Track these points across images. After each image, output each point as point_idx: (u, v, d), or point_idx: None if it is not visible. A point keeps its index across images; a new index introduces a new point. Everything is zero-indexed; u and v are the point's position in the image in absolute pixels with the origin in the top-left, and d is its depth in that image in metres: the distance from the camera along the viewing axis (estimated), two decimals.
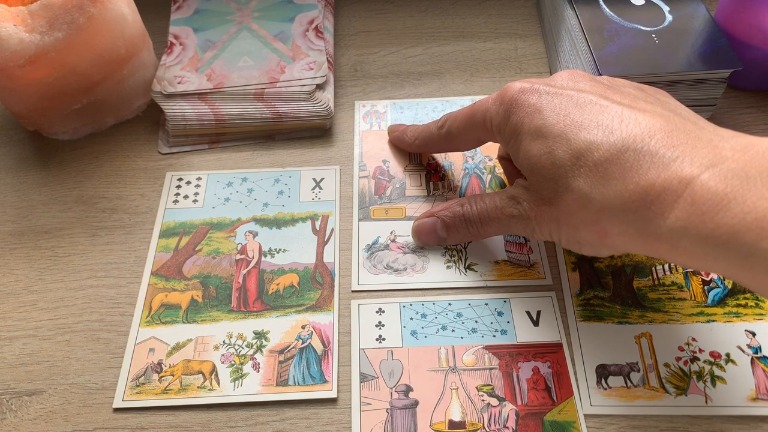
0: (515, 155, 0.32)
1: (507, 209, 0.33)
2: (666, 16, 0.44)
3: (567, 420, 0.32)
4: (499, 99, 0.33)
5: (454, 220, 0.36)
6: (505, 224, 0.34)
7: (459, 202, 0.36)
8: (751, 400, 0.32)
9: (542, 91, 0.31)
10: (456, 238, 0.37)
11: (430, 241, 0.38)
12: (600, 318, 0.36)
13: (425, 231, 0.38)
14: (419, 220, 0.38)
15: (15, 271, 0.40)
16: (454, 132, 0.37)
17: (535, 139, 0.30)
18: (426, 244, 0.39)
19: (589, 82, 0.31)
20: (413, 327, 0.36)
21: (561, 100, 0.30)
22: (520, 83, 0.32)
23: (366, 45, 0.53)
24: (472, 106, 0.35)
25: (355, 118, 0.47)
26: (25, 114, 0.44)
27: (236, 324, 0.37)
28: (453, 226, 0.36)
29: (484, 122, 0.34)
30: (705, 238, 0.24)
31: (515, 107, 0.31)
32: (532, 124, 0.30)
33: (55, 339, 0.36)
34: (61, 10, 0.38)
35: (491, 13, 0.55)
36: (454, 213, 0.36)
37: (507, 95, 0.32)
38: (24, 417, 0.34)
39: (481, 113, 0.34)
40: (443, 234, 0.37)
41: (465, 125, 0.36)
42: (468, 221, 0.35)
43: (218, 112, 0.44)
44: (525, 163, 0.31)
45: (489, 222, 0.35)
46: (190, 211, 0.42)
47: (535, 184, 0.31)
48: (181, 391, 0.34)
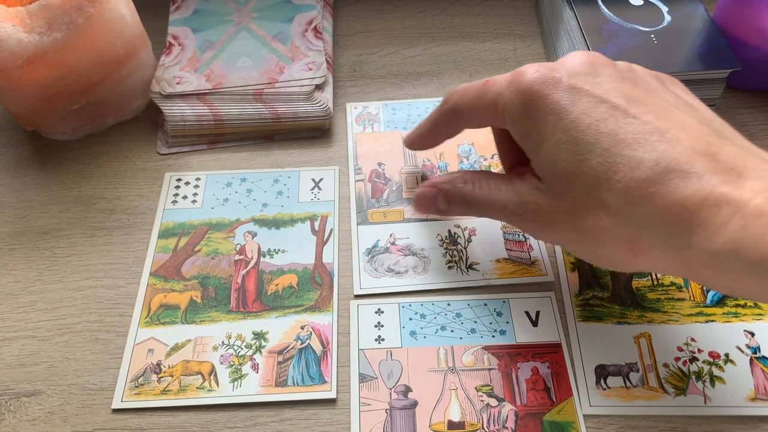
0: (533, 153, 0.29)
1: (511, 207, 0.31)
2: (665, 17, 0.44)
3: (566, 420, 0.32)
4: (514, 84, 0.29)
5: (455, 196, 0.34)
6: (506, 219, 0.32)
7: (463, 178, 0.34)
8: (750, 400, 0.32)
9: (565, 85, 0.28)
10: (456, 213, 0.35)
11: (429, 211, 0.37)
12: (599, 318, 0.36)
13: (426, 200, 0.36)
14: (421, 189, 0.36)
15: (14, 271, 0.40)
16: (462, 107, 0.33)
17: (564, 143, 0.27)
18: (424, 213, 0.37)
19: (609, 78, 0.28)
20: (412, 327, 0.36)
21: (590, 102, 0.27)
22: (535, 68, 0.29)
23: (365, 45, 0.53)
24: (483, 84, 0.31)
25: (348, 121, 0.47)
26: (23, 114, 0.44)
27: (235, 324, 0.36)
28: (453, 201, 0.34)
29: (495, 106, 0.30)
30: (757, 263, 0.23)
31: (535, 99, 0.28)
32: (559, 125, 0.28)
33: (54, 340, 0.36)
34: (59, 11, 0.38)
35: (490, 13, 0.55)
36: (456, 189, 0.34)
37: (523, 81, 0.29)
38: (23, 418, 0.33)
39: (493, 95, 0.31)
40: (444, 206, 0.35)
41: (473, 102, 0.32)
42: (469, 202, 0.33)
43: (217, 113, 0.44)
44: (548, 167, 0.29)
45: (489, 211, 0.33)
46: (189, 212, 0.42)
47: (556, 189, 0.29)
48: (180, 391, 0.34)
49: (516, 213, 0.31)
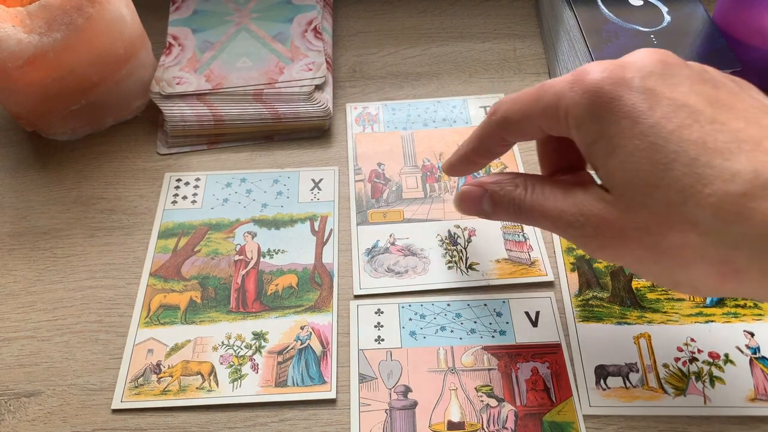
0: (600, 160, 0.26)
1: (568, 218, 0.27)
2: (664, 17, 0.44)
3: (566, 420, 0.32)
4: (578, 84, 0.26)
5: (503, 200, 0.31)
6: (561, 231, 0.28)
7: (513, 181, 0.30)
8: (750, 401, 0.32)
9: (638, 86, 0.25)
10: (502, 218, 0.32)
11: (471, 212, 0.33)
12: (599, 318, 0.36)
13: (469, 200, 0.32)
14: (466, 186, 0.33)
15: (13, 272, 0.40)
16: (512, 117, 0.30)
17: (642, 150, 0.24)
18: (466, 214, 0.34)
19: (687, 79, 0.26)
20: (412, 328, 0.36)
21: (669, 106, 0.24)
22: (602, 67, 0.26)
23: (365, 46, 0.53)
24: (539, 88, 0.28)
25: (348, 121, 0.47)
26: (23, 115, 0.44)
27: (235, 325, 0.36)
28: (501, 205, 0.31)
29: (555, 110, 0.27)
30: None
31: (606, 101, 0.25)
32: (635, 130, 0.24)
33: (54, 340, 0.36)
34: (59, 11, 0.38)
35: (490, 13, 0.55)
36: (505, 192, 0.31)
37: (589, 81, 0.26)
38: (22, 418, 0.33)
39: (552, 97, 0.27)
40: (488, 209, 0.32)
41: (527, 109, 0.29)
42: (518, 208, 0.30)
43: (217, 113, 0.44)
44: (621, 176, 0.25)
45: (541, 220, 0.29)
46: (188, 212, 0.42)
47: (629, 202, 0.25)
48: (179, 392, 0.34)
49: (573, 225, 0.27)
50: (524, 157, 0.44)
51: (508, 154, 0.44)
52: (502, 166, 0.43)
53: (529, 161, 0.44)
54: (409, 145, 0.45)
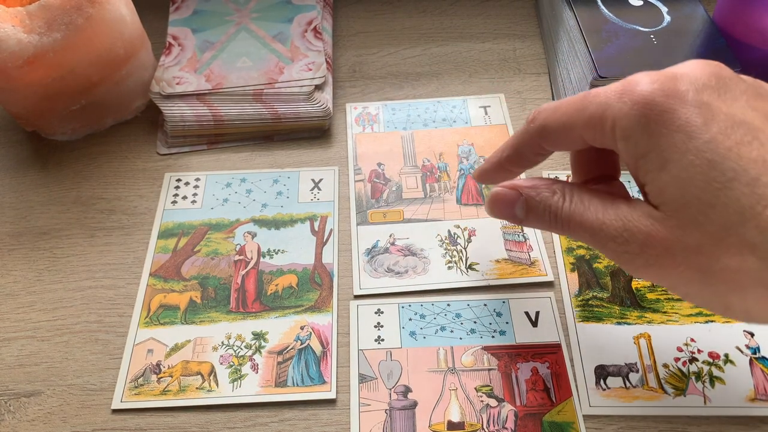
0: (650, 175, 0.25)
1: (611, 231, 0.26)
2: (664, 17, 0.44)
3: (566, 420, 0.32)
4: (627, 95, 0.25)
5: (539, 206, 0.29)
6: (602, 245, 0.27)
7: (551, 188, 0.29)
8: (750, 401, 0.32)
9: (693, 100, 0.24)
10: (534, 225, 0.30)
11: (502, 216, 0.31)
12: (599, 319, 0.36)
13: (502, 203, 0.31)
14: (499, 188, 0.31)
15: (13, 272, 0.40)
16: (552, 126, 0.28)
17: (697, 166, 0.23)
18: (497, 218, 0.32)
19: (743, 94, 0.25)
20: (412, 328, 0.36)
21: (725, 122, 0.23)
22: (652, 78, 0.25)
23: (365, 46, 0.53)
24: (582, 97, 0.27)
25: (348, 121, 0.47)
26: (23, 115, 0.44)
27: (235, 325, 0.36)
28: (535, 211, 0.29)
29: (601, 121, 0.26)
30: None
31: (658, 113, 0.24)
32: (690, 145, 0.23)
33: (54, 340, 0.36)
34: (59, 11, 0.38)
35: (490, 13, 0.55)
36: (542, 199, 0.29)
37: (639, 92, 0.25)
38: (22, 418, 0.33)
39: (598, 107, 0.26)
40: (521, 215, 0.30)
41: (568, 118, 0.27)
42: (555, 216, 0.28)
43: (217, 113, 0.44)
44: (674, 192, 0.24)
45: (580, 232, 0.27)
46: (188, 212, 0.42)
47: (680, 220, 0.24)
48: (179, 392, 0.34)
49: (616, 240, 0.26)
50: None
51: None
52: None
53: None
54: (409, 145, 0.45)
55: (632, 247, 0.25)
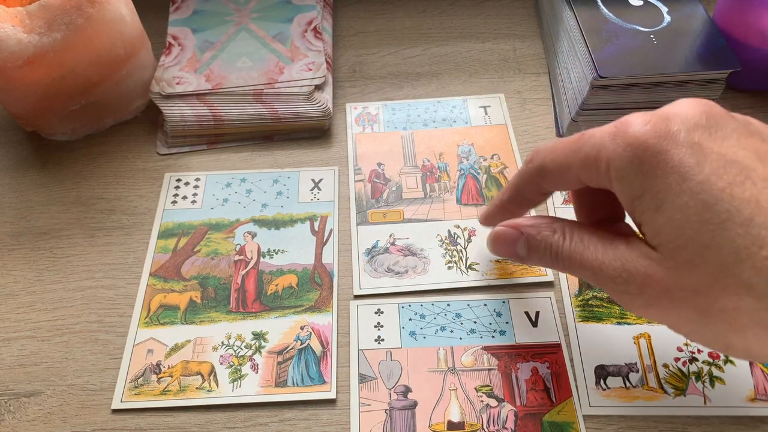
0: (645, 216, 0.25)
1: (610, 272, 0.26)
2: (664, 17, 0.44)
3: (566, 421, 0.32)
4: (620, 136, 0.25)
5: (539, 245, 0.29)
6: (602, 284, 0.27)
7: (551, 227, 0.29)
8: (750, 401, 0.32)
9: (684, 140, 0.24)
10: (536, 264, 0.31)
11: (503, 254, 0.32)
12: (599, 318, 0.36)
13: (503, 242, 0.31)
14: (501, 227, 0.32)
15: (13, 272, 0.40)
16: (549, 166, 0.29)
17: (691, 207, 0.23)
18: (498, 255, 0.33)
19: (734, 132, 0.25)
20: (412, 328, 0.36)
21: (718, 162, 0.23)
22: (644, 119, 0.25)
23: (365, 46, 0.53)
24: (578, 138, 0.27)
25: (348, 121, 0.47)
26: (23, 115, 0.44)
27: (235, 325, 0.36)
28: (536, 250, 0.30)
29: (596, 162, 0.26)
30: None
31: (650, 155, 0.24)
32: (684, 186, 0.23)
33: (54, 340, 0.36)
34: (59, 11, 0.38)
35: (490, 13, 0.55)
36: (542, 238, 0.29)
37: (632, 134, 0.25)
38: (22, 418, 0.33)
39: (592, 148, 0.26)
40: (523, 253, 0.31)
41: (564, 158, 0.28)
42: (555, 255, 0.29)
43: (217, 113, 0.44)
44: (669, 234, 0.24)
45: (580, 270, 0.28)
46: (188, 212, 0.42)
47: (677, 261, 0.24)
48: (179, 392, 0.34)
49: (615, 281, 0.26)
50: (524, 157, 0.44)
51: (509, 155, 0.44)
52: (502, 166, 0.43)
53: None
54: (409, 145, 0.45)
55: (631, 288, 0.25)
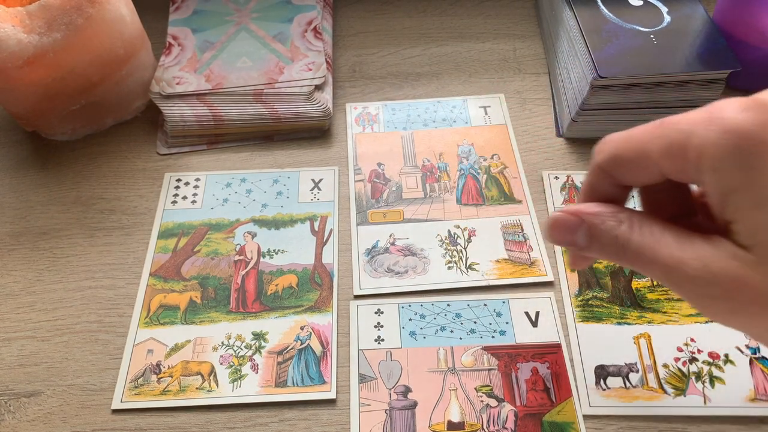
0: (740, 213, 0.22)
1: (690, 271, 0.23)
2: (664, 17, 0.44)
3: (566, 421, 0.32)
4: (715, 123, 0.22)
5: (603, 236, 0.26)
6: (675, 284, 0.24)
7: (617, 216, 0.26)
8: (750, 401, 0.32)
9: None
10: (597, 255, 0.27)
11: (561, 242, 0.28)
12: (599, 319, 0.36)
13: (562, 229, 0.28)
14: (560, 213, 0.28)
15: (13, 272, 0.40)
16: (625, 155, 0.25)
17: None
18: (555, 243, 0.30)
19: None
20: (412, 328, 0.36)
21: None
22: (740, 105, 0.22)
23: (365, 46, 0.53)
24: (660, 123, 0.24)
25: (348, 121, 0.47)
26: (23, 115, 0.44)
27: (235, 325, 0.36)
28: (599, 241, 0.26)
29: (683, 150, 0.23)
30: None
31: (754, 145, 0.21)
32: None
33: (54, 340, 0.36)
34: (59, 11, 0.38)
35: (490, 13, 0.55)
36: (606, 227, 0.26)
37: (730, 121, 0.22)
38: (22, 418, 0.33)
39: (679, 135, 0.23)
40: (583, 242, 0.27)
41: (643, 146, 0.25)
42: (622, 248, 0.25)
43: (217, 113, 0.44)
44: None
45: (651, 267, 0.25)
46: (188, 212, 0.42)
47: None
48: (179, 392, 0.34)
49: (695, 282, 0.23)
50: (523, 157, 0.44)
51: (509, 155, 0.44)
52: (502, 166, 0.44)
53: (528, 161, 0.44)
54: (409, 145, 0.45)
55: (715, 291, 0.22)
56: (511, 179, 0.43)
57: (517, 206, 0.41)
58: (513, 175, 0.43)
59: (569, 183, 0.42)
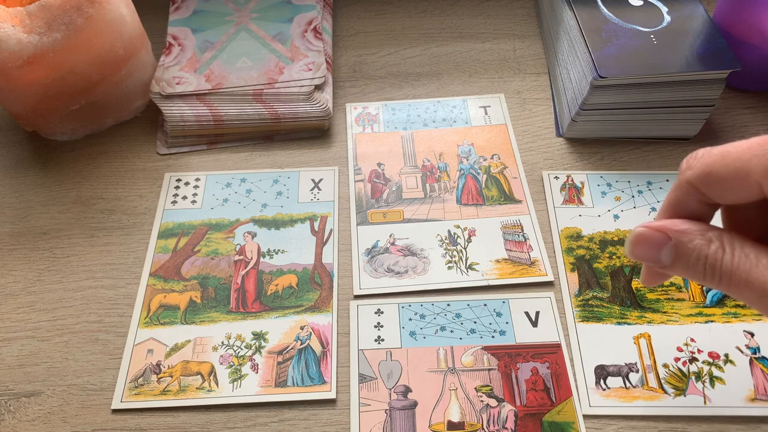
0: None
1: None
2: (664, 17, 0.44)
3: (566, 420, 0.32)
4: None
5: (691, 255, 0.25)
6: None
7: (706, 235, 0.24)
8: (750, 401, 0.32)
9: None
10: (681, 274, 0.25)
11: (644, 258, 0.26)
12: (599, 318, 0.36)
13: (647, 245, 0.26)
14: (644, 227, 0.26)
15: (13, 272, 0.40)
16: (720, 172, 0.24)
17: None
18: (638, 260, 0.27)
19: None
20: (412, 328, 0.36)
21: None
22: None
23: (365, 46, 0.53)
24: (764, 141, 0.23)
25: (348, 121, 0.47)
26: (23, 115, 0.44)
27: (235, 325, 0.36)
28: (686, 259, 0.25)
29: None
30: None
31: None
32: None
33: (54, 340, 0.36)
34: (59, 11, 0.38)
35: (490, 13, 0.55)
36: (695, 247, 0.25)
37: None
38: (22, 418, 0.33)
39: None
40: (667, 260, 0.25)
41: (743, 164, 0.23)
42: (712, 269, 0.24)
43: (217, 113, 0.44)
44: None
45: (745, 290, 0.23)
46: (188, 212, 0.42)
47: None
48: (179, 392, 0.34)
49: None
50: (523, 157, 0.44)
51: (509, 155, 0.44)
52: (502, 166, 0.44)
53: (528, 161, 0.44)
54: (409, 145, 0.45)
55: None
56: (511, 179, 0.43)
57: (517, 206, 0.41)
58: (513, 175, 0.43)
59: (569, 183, 0.42)
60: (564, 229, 0.40)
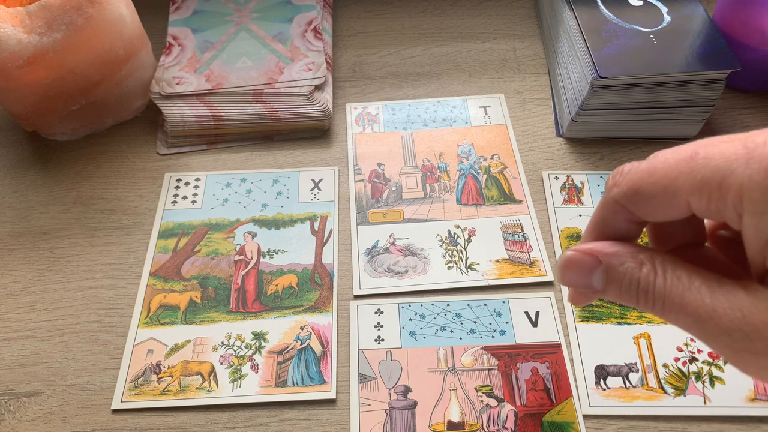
0: None
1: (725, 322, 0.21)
2: (664, 17, 0.44)
3: (566, 420, 0.32)
4: (756, 160, 0.20)
5: (622, 279, 0.24)
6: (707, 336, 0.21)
7: (637, 258, 0.23)
8: (750, 401, 0.32)
9: None
10: (616, 299, 0.24)
11: (575, 284, 0.25)
12: (599, 318, 0.36)
13: (575, 270, 0.25)
14: (573, 251, 0.25)
15: (13, 272, 0.40)
16: (648, 190, 0.22)
17: None
18: (569, 286, 0.26)
19: None
20: (412, 328, 0.36)
21: None
22: None
23: (365, 46, 0.53)
24: (690, 158, 0.21)
25: (348, 121, 0.47)
26: (23, 115, 0.44)
27: (235, 325, 0.36)
28: (617, 283, 0.24)
29: (720, 189, 0.20)
30: None
31: None
32: None
33: (54, 340, 0.36)
34: (59, 11, 0.38)
35: (490, 14, 0.55)
36: (626, 270, 0.23)
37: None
38: (22, 418, 0.33)
39: (714, 172, 0.20)
40: (599, 285, 0.24)
41: (671, 182, 0.22)
42: (644, 294, 0.23)
43: (217, 113, 0.44)
44: None
45: (679, 315, 0.22)
46: (188, 212, 0.42)
47: None
48: (179, 392, 0.34)
49: (732, 336, 0.20)
50: (523, 157, 0.44)
51: (509, 155, 0.44)
52: (502, 166, 0.44)
53: (528, 161, 0.44)
54: (409, 145, 0.45)
55: (756, 346, 0.20)
56: (511, 179, 0.43)
57: (517, 206, 0.41)
58: (513, 175, 0.43)
59: (569, 183, 0.42)
60: (564, 229, 0.40)
